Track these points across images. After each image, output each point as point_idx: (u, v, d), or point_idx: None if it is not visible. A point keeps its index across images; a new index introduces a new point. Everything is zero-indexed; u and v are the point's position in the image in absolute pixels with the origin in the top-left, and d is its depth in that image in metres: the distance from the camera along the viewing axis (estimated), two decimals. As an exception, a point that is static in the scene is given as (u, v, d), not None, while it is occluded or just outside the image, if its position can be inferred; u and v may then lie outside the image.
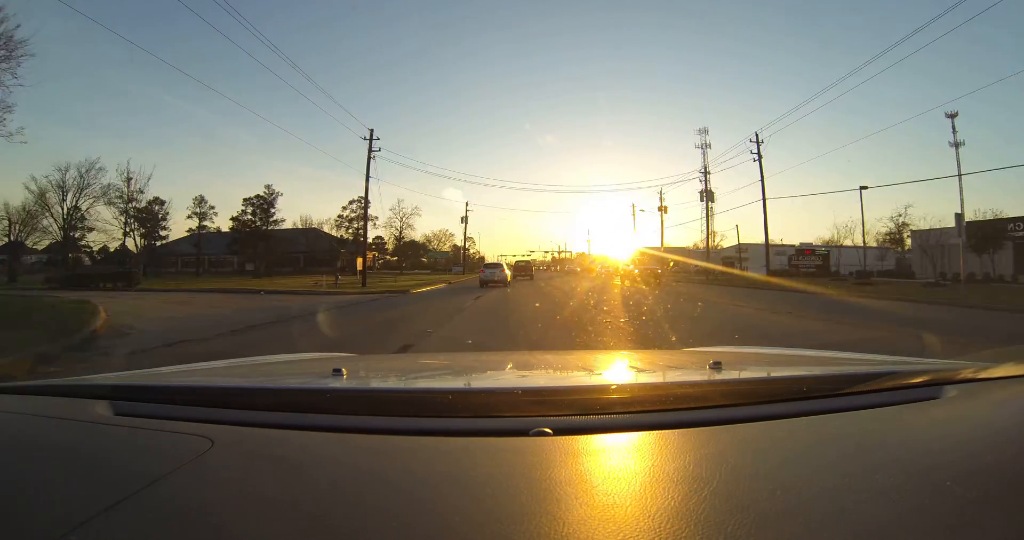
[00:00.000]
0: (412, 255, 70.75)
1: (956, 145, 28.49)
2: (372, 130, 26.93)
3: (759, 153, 31.31)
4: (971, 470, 0.65)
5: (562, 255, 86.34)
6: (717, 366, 1.12)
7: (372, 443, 0.76)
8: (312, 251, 53.20)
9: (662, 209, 44.98)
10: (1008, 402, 0.98)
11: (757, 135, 31.35)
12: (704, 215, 41.58)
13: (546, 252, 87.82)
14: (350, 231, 57.97)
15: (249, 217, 52.11)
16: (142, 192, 44.50)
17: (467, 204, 57.71)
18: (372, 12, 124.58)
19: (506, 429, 0.79)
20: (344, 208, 59.00)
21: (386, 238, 65.02)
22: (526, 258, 57.00)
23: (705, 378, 1.09)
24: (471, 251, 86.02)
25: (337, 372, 1.08)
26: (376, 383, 1.21)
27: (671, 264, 38.02)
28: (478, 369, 1.54)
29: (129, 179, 42.49)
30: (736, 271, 34.77)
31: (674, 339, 6.87)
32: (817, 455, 0.73)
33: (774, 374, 1.28)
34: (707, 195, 40.20)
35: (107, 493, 0.59)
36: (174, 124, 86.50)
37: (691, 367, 1.48)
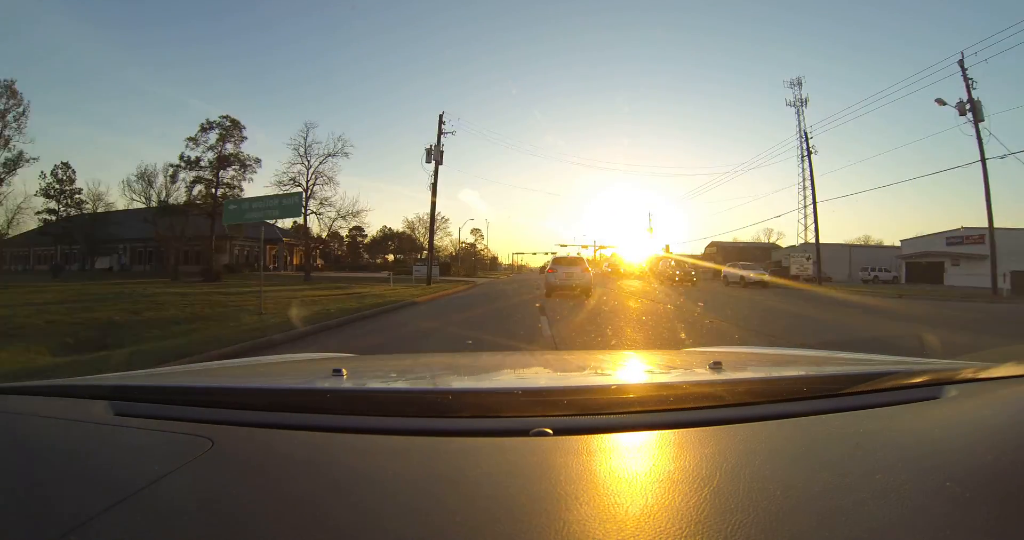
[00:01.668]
0: (362, 247, 48.44)
1: None
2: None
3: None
4: (971, 470, 0.65)
5: (602, 253, 63.32)
6: (717, 366, 1.12)
7: (372, 443, 0.76)
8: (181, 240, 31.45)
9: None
10: (1008, 402, 0.98)
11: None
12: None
13: (584, 247, 66.16)
14: (202, 193, 31.27)
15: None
16: None
17: (441, 117, 25.45)
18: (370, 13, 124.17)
19: (506, 429, 0.79)
20: (191, 141, 30.98)
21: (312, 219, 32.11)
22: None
23: (705, 378, 1.09)
24: (478, 248, 65.57)
25: (337, 372, 1.08)
26: (376, 383, 1.21)
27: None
28: (478, 369, 1.54)
29: None
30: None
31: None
32: (817, 455, 0.73)
33: (774, 374, 1.28)
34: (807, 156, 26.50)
35: (107, 493, 0.59)
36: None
37: (691, 367, 1.48)
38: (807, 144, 29.40)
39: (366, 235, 57.53)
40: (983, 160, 19.19)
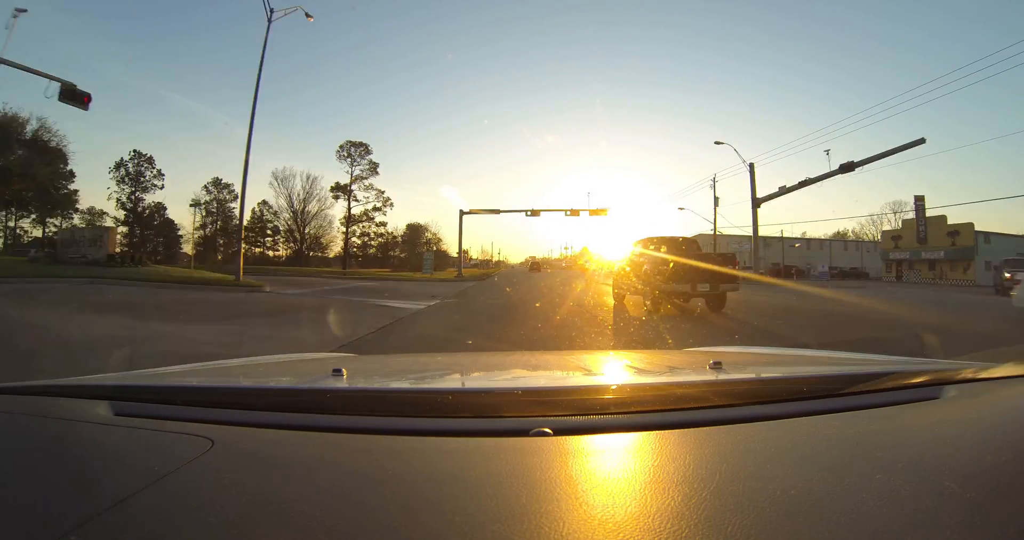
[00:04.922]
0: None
1: None
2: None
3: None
4: (971, 470, 0.65)
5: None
6: (717, 366, 1.13)
7: (372, 443, 0.76)
8: None
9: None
10: (1008, 402, 0.99)
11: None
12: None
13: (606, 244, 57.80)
14: None
15: None
16: None
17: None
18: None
19: (506, 429, 0.79)
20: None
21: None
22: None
23: (705, 378, 1.09)
24: (431, 238, 48.92)
25: (337, 372, 1.08)
26: (376, 383, 1.21)
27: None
28: (478, 369, 1.55)
29: None
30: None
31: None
32: (817, 455, 0.73)
33: (774, 374, 1.28)
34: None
35: (107, 493, 0.59)
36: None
37: (691, 367, 1.48)
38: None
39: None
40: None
